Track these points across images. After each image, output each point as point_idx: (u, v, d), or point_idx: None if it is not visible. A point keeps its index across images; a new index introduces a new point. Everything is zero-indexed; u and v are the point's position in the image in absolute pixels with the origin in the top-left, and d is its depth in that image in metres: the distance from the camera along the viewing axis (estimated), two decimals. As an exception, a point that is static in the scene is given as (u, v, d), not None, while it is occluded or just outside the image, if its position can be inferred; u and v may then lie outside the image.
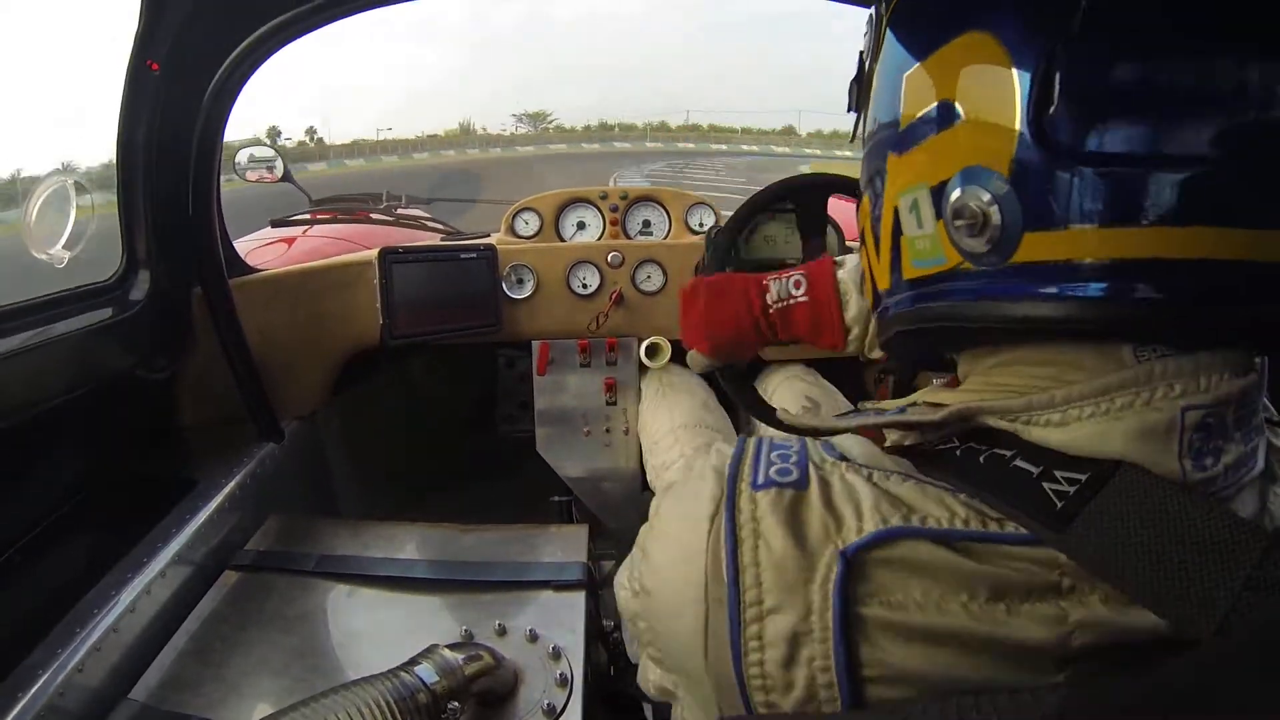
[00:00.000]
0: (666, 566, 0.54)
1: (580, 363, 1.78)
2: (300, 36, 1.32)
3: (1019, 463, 0.47)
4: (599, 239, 1.82)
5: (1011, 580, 0.44)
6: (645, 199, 1.84)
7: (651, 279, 1.75)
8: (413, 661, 0.86)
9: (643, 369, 1.78)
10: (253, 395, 1.47)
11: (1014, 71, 0.46)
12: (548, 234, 1.80)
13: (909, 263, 0.57)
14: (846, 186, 1.45)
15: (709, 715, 0.53)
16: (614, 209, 1.81)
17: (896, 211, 0.57)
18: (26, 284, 1.18)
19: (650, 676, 0.62)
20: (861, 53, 0.67)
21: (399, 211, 2.46)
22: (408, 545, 1.27)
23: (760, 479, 0.51)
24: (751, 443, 0.56)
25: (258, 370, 1.47)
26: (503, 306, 1.71)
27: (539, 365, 1.76)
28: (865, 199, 0.65)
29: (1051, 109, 0.45)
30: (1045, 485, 0.45)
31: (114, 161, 1.31)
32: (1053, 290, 0.47)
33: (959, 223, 0.49)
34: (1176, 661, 0.37)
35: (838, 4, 1.36)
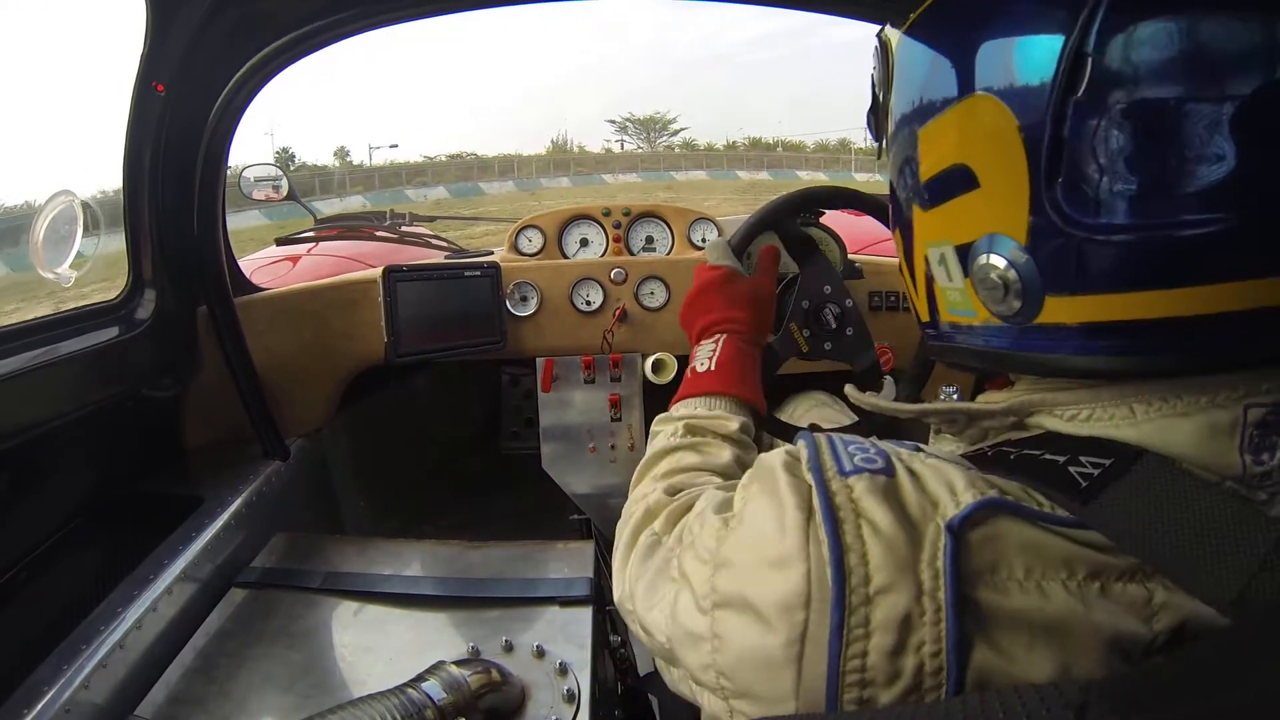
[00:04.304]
0: (756, 581, 0.51)
1: (584, 379, 1.78)
2: (303, 57, 1.34)
3: (1048, 455, 0.50)
4: (602, 255, 1.82)
5: (1104, 561, 0.45)
6: (648, 215, 1.84)
7: (655, 295, 1.75)
8: (420, 678, 0.86)
9: (647, 385, 1.78)
10: (258, 413, 1.48)
11: (1021, 137, 0.48)
12: (551, 251, 1.81)
13: (944, 309, 0.60)
14: (848, 199, 1.45)
15: None
16: (617, 225, 1.82)
17: (927, 260, 0.60)
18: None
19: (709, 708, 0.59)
20: (873, 78, 0.69)
21: (403, 229, 2.47)
22: (414, 562, 1.27)
23: (847, 466, 0.51)
24: (822, 440, 0.55)
25: (263, 388, 1.48)
26: (506, 324, 1.71)
27: (543, 382, 1.77)
28: (898, 232, 0.67)
29: (1060, 178, 0.47)
30: (1071, 469, 0.48)
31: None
32: (1079, 347, 0.50)
33: (983, 289, 0.53)
34: (1196, 646, 0.39)
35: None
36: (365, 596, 1.17)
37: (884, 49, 0.64)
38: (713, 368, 0.96)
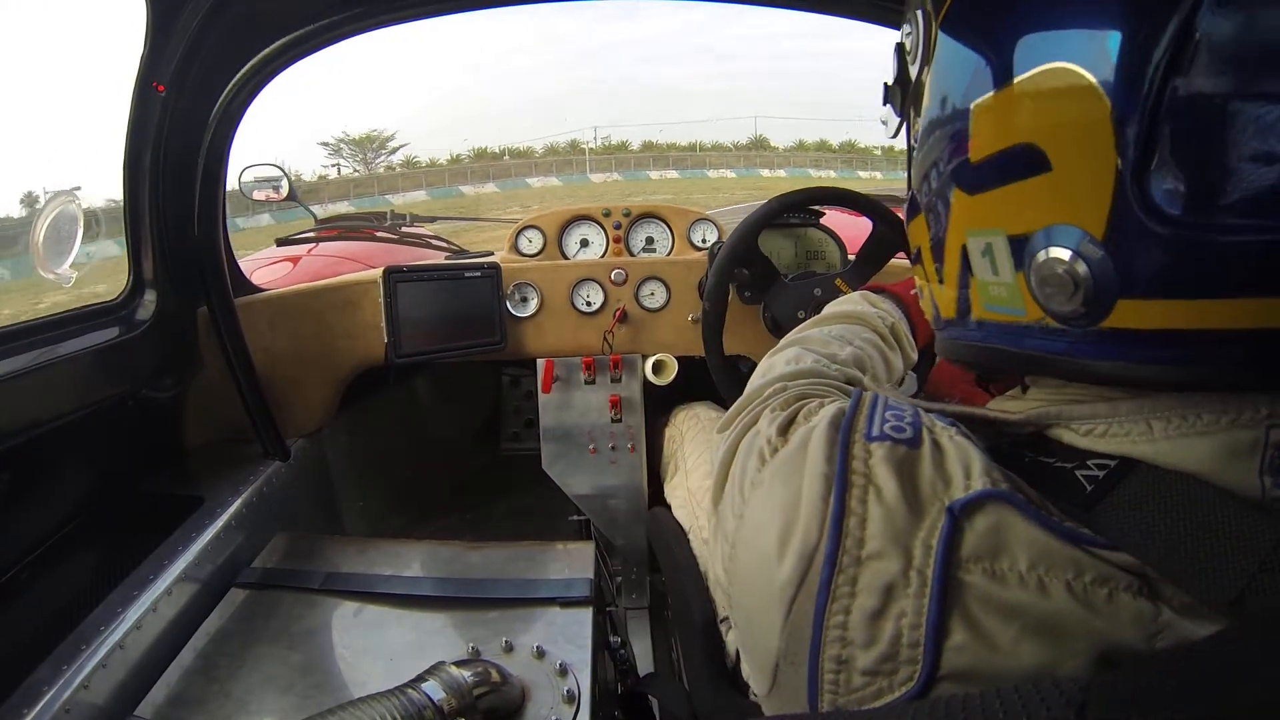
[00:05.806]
0: (767, 520, 0.52)
1: (585, 380, 1.78)
2: (304, 57, 1.34)
3: (1058, 463, 0.49)
4: (602, 256, 1.83)
5: (1113, 570, 0.43)
6: (648, 215, 1.85)
7: (655, 295, 1.75)
8: (419, 679, 0.86)
9: (648, 386, 1.78)
10: (258, 414, 1.48)
11: (1111, 117, 0.41)
12: (551, 252, 1.81)
13: (980, 304, 0.54)
14: (843, 199, 1.46)
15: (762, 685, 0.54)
16: (617, 226, 1.82)
17: (965, 249, 0.54)
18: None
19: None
20: (900, 47, 0.63)
21: (403, 230, 2.48)
22: (414, 562, 1.27)
23: (875, 431, 0.50)
24: (867, 397, 0.55)
25: (263, 389, 1.48)
26: (507, 324, 1.72)
27: (544, 383, 1.76)
28: (921, 219, 0.61)
29: (1154, 164, 0.41)
30: (1078, 473, 0.47)
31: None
32: (1149, 355, 0.45)
33: (1046, 288, 0.47)
34: (1198, 644, 0.38)
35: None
36: (365, 597, 1.16)
37: (925, 14, 0.56)
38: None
